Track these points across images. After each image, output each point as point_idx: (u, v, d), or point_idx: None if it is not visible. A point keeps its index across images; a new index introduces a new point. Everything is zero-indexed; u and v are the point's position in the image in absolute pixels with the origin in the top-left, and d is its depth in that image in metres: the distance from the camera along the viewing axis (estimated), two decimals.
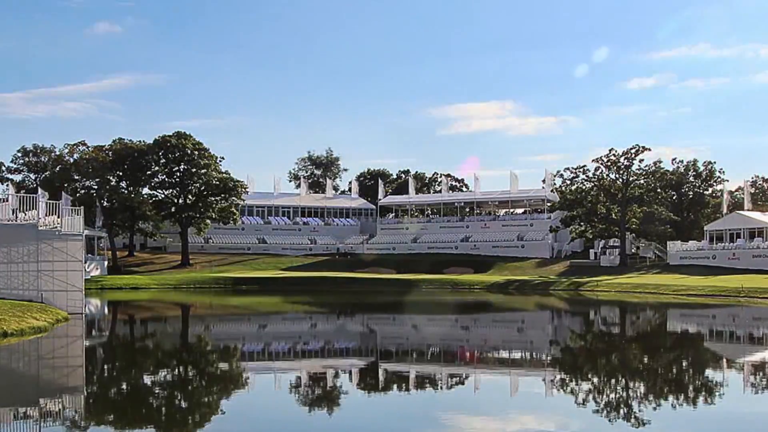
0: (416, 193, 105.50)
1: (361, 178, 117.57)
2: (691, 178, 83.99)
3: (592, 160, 79.09)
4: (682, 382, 17.39)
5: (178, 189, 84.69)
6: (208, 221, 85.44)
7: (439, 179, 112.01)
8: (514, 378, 18.13)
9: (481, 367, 19.98)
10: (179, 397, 15.22)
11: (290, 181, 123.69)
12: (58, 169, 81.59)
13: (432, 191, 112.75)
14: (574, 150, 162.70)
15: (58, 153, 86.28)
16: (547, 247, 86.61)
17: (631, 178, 78.71)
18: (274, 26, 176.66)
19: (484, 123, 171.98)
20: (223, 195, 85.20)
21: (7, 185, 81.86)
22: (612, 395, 15.74)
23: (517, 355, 22.74)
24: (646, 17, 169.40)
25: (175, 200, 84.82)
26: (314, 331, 31.22)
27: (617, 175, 78.82)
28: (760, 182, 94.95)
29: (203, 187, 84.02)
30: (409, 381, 17.70)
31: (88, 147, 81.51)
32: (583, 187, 79.62)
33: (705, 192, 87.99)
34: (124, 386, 16.83)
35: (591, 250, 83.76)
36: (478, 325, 33.58)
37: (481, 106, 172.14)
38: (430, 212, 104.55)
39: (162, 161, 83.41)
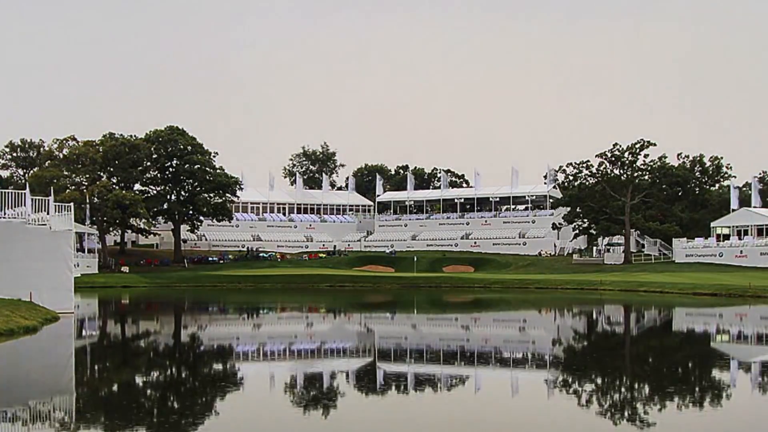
0: (415, 189, 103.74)
1: (359, 174, 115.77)
2: (698, 174, 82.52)
3: (596, 155, 77.56)
4: (688, 382, 16.89)
5: (170, 185, 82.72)
6: (202, 218, 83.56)
7: (438, 175, 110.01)
8: (516, 378, 17.88)
9: (482, 366, 19.54)
10: (171, 398, 14.96)
11: (285, 177, 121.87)
12: (47, 164, 79.46)
13: (431, 187, 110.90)
14: None
15: (47, 148, 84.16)
16: (550, 245, 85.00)
17: (635, 174, 77.13)
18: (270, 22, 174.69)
19: None
20: (217, 191, 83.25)
21: None
22: (616, 396, 15.45)
23: (518, 355, 21.69)
24: None
25: (168, 196, 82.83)
26: (311, 330, 29.99)
27: (621, 171, 77.23)
28: None
29: (197, 183, 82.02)
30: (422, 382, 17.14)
31: (77, 142, 79.26)
32: (587, 183, 78.05)
33: (711, 188, 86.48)
34: (115, 387, 16.55)
35: (594, 248, 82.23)
36: (479, 325, 32.50)
37: None
38: (429, 209, 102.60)
39: (154, 156, 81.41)
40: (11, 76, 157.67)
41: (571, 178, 79.03)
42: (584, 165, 77.99)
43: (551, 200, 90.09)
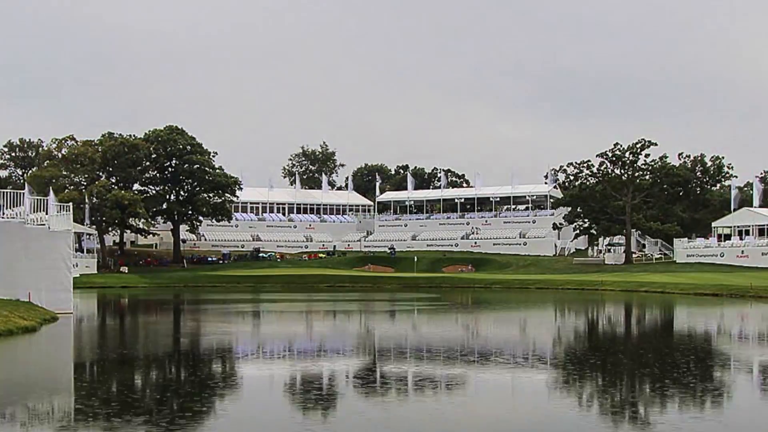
0: (415, 189, 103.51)
1: (359, 174, 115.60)
2: (699, 174, 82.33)
3: (597, 155, 77.43)
4: (689, 382, 16.61)
5: (169, 185, 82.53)
6: (201, 218, 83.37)
7: (438, 174, 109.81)
8: (516, 378, 17.72)
9: (482, 366, 19.30)
10: (171, 398, 14.77)
11: (284, 177, 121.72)
12: (46, 164, 79.32)
13: (431, 187, 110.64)
14: None
15: (45, 148, 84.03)
16: (551, 245, 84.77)
17: (636, 174, 76.94)
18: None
19: None
20: (216, 191, 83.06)
21: None
22: (617, 396, 15.28)
23: (519, 355, 21.76)
24: None
25: (167, 196, 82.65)
26: (311, 331, 29.91)
27: (622, 171, 77.04)
28: None
29: (196, 183, 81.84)
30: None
31: (76, 141, 79.10)
32: (587, 183, 77.86)
33: (713, 188, 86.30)
34: (114, 387, 16.28)
35: (595, 248, 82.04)
36: (479, 325, 32.32)
37: None
38: (429, 209, 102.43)
39: (153, 156, 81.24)
40: (11, 75, 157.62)
41: (571, 178, 78.90)
42: (585, 165, 77.85)
43: (552, 200, 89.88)
